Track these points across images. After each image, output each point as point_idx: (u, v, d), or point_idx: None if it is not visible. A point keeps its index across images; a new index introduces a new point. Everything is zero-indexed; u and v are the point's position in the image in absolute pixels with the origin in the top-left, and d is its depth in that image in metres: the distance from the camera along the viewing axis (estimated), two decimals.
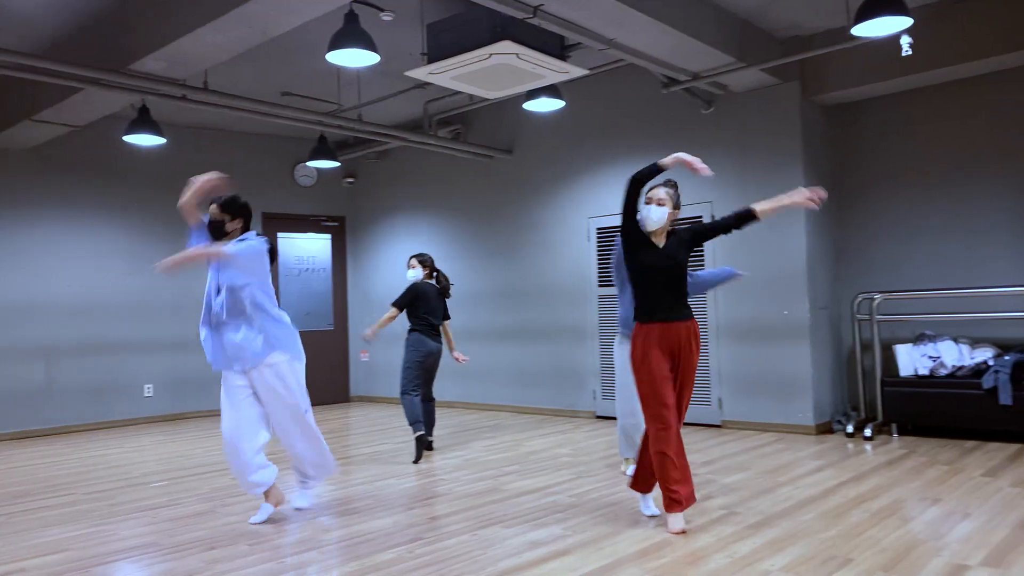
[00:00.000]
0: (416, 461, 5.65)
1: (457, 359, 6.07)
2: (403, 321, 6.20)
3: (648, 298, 3.78)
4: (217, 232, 4.12)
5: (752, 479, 4.79)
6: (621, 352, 4.78)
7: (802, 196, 3.65)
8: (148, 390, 8.45)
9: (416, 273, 6.06)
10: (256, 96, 7.76)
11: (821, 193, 3.67)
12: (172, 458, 6.13)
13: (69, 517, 4.33)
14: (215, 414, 8.79)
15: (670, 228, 3.85)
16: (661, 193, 3.75)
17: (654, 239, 3.79)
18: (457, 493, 4.60)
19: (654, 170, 3.68)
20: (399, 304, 5.94)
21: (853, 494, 4.34)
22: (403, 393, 5.87)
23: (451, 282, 6.32)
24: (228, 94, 6.26)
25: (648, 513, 3.98)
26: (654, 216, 3.74)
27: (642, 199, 3.80)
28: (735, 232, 6.73)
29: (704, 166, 3.71)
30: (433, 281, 6.10)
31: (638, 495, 4.17)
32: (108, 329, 8.22)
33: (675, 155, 3.69)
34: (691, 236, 3.83)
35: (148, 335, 8.48)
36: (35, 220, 7.82)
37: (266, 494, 4.10)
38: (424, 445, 5.74)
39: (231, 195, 4.16)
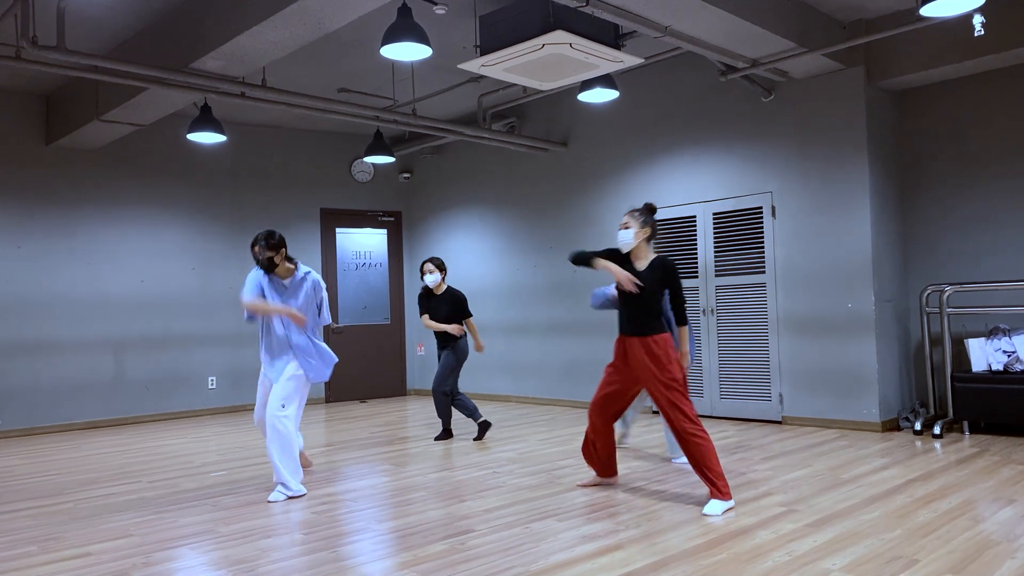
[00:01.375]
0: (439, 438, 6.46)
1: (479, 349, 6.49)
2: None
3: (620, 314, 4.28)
4: (269, 267, 4.65)
5: (813, 476, 4.65)
6: None
7: (685, 362, 4.22)
8: (212, 382, 8.67)
9: (435, 278, 6.36)
10: (313, 93, 7.88)
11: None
12: (232, 449, 6.26)
13: (134, 504, 4.45)
14: None
15: (653, 255, 4.24)
16: (625, 217, 4.23)
17: (632, 261, 4.24)
18: (511, 486, 4.59)
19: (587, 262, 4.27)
20: (421, 312, 6.47)
21: (921, 493, 4.17)
22: (443, 392, 6.39)
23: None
24: (286, 91, 6.36)
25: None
26: (622, 239, 4.19)
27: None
28: (794, 223, 6.58)
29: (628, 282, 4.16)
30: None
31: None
32: (174, 323, 8.45)
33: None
34: (663, 276, 4.17)
35: (211, 329, 8.69)
36: (104, 218, 8.09)
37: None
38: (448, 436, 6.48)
39: (268, 231, 4.63)
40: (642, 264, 4.20)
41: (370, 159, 8.15)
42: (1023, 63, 6.03)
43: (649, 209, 4.28)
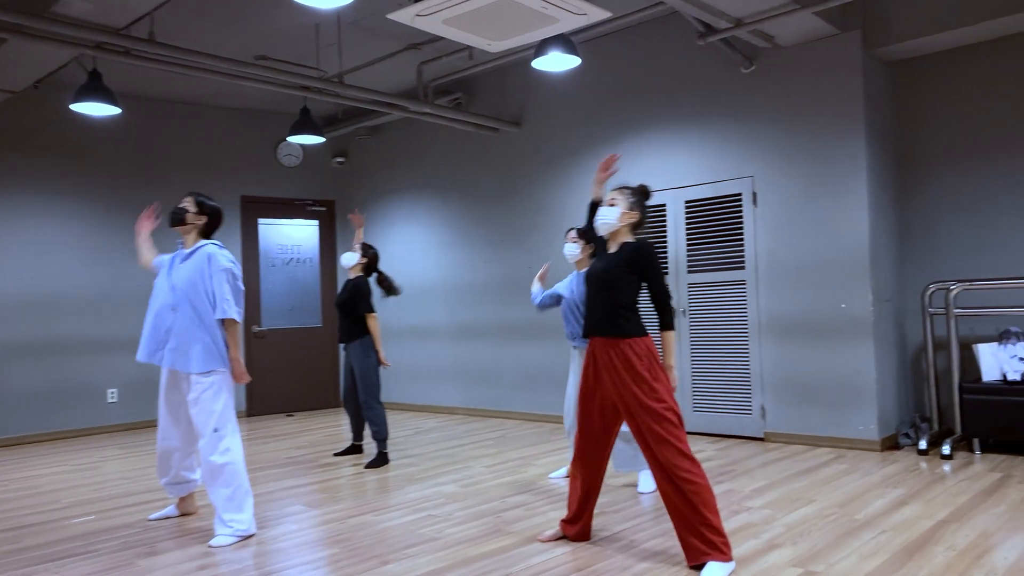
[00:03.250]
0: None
1: None
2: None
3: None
4: (176, 219, 3.91)
5: (822, 516, 3.78)
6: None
7: None
8: (112, 395, 7.51)
9: (348, 257, 5.56)
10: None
11: None
12: (118, 480, 5.17)
13: None
14: None
15: (630, 239, 3.35)
16: (613, 192, 3.37)
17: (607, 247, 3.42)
18: (448, 538, 3.62)
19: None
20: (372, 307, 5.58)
21: (963, 542, 3.33)
22: (378, 402, 5.48)
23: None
24: (184, 49, 5.27)
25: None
26: (602, 216, 3.33)
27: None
28: (778, 212, 5.73)
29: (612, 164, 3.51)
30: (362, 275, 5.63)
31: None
32: (65, 327, 7.27)
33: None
34: (635, 258, 3.25)
35: (111, 333, 7.53)
36: None
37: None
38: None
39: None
40: (614, 249, 3.35)
41: (296, 139, 7.12)
42: None
43: (643, 192, 3.39)
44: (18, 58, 5.33)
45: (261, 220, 8.54)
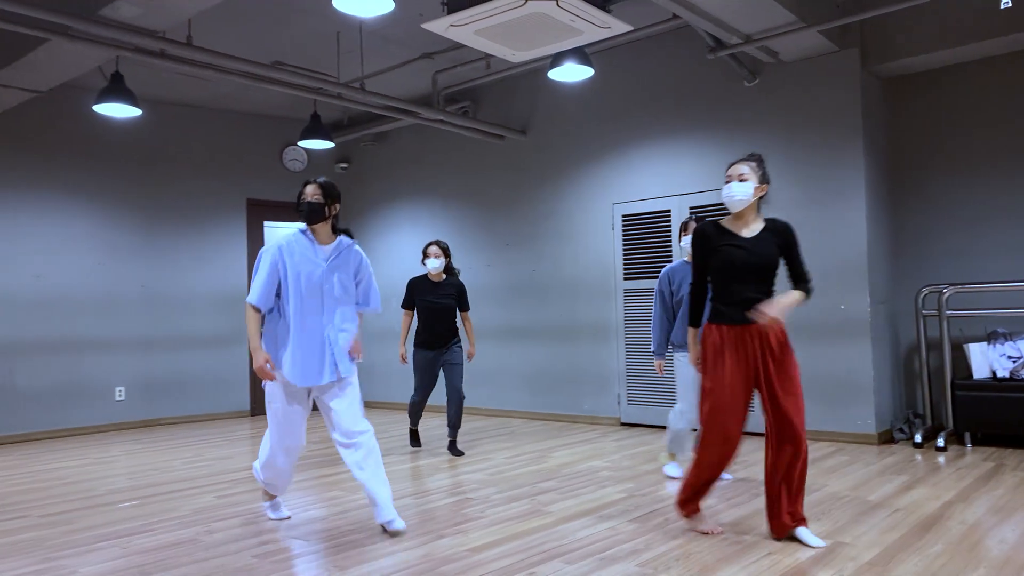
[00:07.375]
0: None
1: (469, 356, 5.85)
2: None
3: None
4: (316, 216, 3.56)
5: (837, 499, 4.06)
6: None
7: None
8: (120, 393, 7.59)
9: (438, 263, 5.64)
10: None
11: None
12: (145, 472, 5.30)
13: (18, 547, 3.50)
14: (193, 420, 7.96)
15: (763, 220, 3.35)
16: (742, 167, 3.25)
17: (734, 228, 3.32)
18: (493, 517, 3.83)
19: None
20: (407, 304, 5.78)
21: (971, 518, 3.62)
22: None
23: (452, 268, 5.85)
24: (214, 51, 5.44)
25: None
26: (737, 194, 3.23)
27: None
28: (785, 217, 5.98)
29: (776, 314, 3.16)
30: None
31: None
32: (75, 325, 7.35)
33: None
34: (788, 237, 3.33)
35: (120, 332, 7.61)
36: None
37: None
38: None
39: (326, 180, 3.66)
40: (752, 229, 3.28)
41: (305, 144, 7.31)
42: None
43: (760, 159, 3.32)
44: (52, 59, 5.46)
45: (267, 222, 8.68)
